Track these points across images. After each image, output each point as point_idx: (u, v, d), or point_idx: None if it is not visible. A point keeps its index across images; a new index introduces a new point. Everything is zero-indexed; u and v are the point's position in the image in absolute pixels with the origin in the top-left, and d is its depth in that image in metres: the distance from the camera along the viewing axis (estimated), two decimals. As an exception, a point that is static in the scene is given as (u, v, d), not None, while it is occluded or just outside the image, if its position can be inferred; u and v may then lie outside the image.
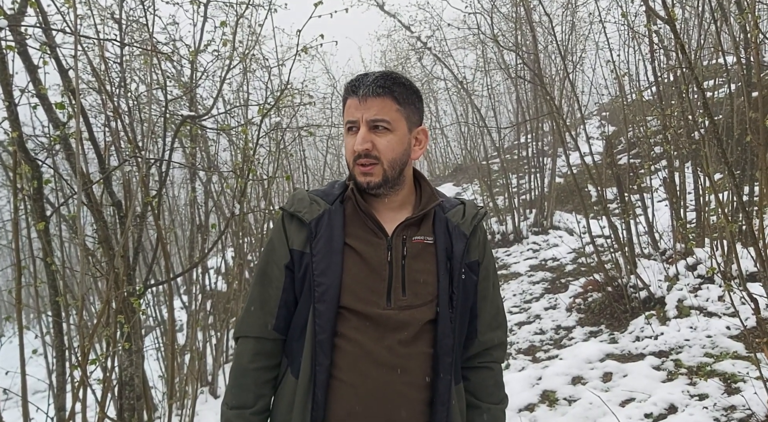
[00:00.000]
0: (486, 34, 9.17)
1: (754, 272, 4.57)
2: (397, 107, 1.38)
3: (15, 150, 2.42)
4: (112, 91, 3.65)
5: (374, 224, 1.41)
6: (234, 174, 4.33)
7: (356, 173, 1.39)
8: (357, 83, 1.37)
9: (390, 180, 1.39)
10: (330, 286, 1.36)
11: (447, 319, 1.39)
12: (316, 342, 1.36)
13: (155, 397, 5.12)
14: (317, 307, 1.36)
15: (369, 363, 1.35)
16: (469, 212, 1.49)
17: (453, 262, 1.41)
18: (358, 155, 1.36)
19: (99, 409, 2.50)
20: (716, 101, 6.25)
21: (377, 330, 1.36)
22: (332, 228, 1.40)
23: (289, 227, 1.44)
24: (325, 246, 1.39)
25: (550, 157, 9.66)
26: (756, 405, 3.16)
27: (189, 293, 6.43)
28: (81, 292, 2.23)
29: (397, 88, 1.38)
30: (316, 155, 13.96)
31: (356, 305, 1.36)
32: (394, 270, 1.38)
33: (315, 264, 1.38)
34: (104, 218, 2.90)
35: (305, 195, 1.47)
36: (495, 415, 1.52)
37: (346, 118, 1.39)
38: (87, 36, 3.44)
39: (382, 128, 1.36)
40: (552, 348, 5.06)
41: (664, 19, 2.93)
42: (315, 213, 1.42)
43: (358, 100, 1.36)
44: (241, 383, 1.44)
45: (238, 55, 4.88)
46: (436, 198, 1.47)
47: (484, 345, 1.52)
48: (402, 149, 1.40)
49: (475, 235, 1.48)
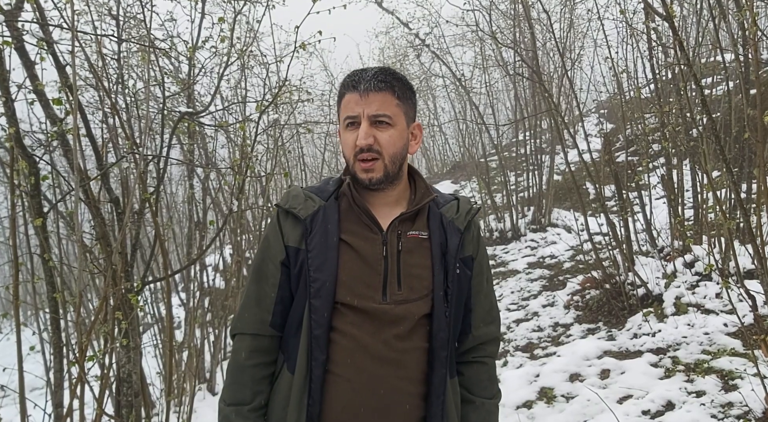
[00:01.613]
0: (484, 31, 9.16)
1: (752, 269, 4.58)
2: (397, 102, 1.39)
3: (12, 146, 2.41)
4: (109, 87, 3.63)
5: (369, 219, 1.42)
6: (232, 171, 4.32)
7: (357, 169, 1.39)
8: (356, 78, 1.38)
9: (391, 175, 1.40)
10: (325, 282, 1.36)
11: (442, 313, 1.41)
12: (312, 338, 1.37)
13: (152, 394, 5.11)
14: (313, 303, 1.37)
15: (365, 357, 1.36)
16: (463, 207, 1.51)
17: (448, 257, 1.43)
18: (360, 150, 1.36)
19: (97, 406, 2.50)
20: (714, 98, 6.26)
21: (373, 324, 1.37)
22: (327, 225, 1.41)
23: (285, 224, 1.45)
24: (320, 242, 1.39)
25: (548, 154, 9.66)
26: (753, 401, 3.17)
27: (187, 290, 6.42)
28: (79, 289, 2.23)
29: (397, 83, 1.40)
30: (314, 152, 13.95)
31: (352, 300, 1.37)
32: (389, 265, 1.40)
33: (310, 261, 1.38)
34: (102, 215, 2.89)
35: (300, 191, 1.47)
36: (489, 410, 1.53)
37: (345, 114, 1.39)
38: (84, 32, 3.42)
39: (383, 123, 1.37)
40: (550, 346, 5.07)
41: (662, 15, 2.93)
42: (310, 209, 1.43)
43: (358, 94, 1.36)
44: (238, 380, 1.44)
45: (236, 52, 4.86)
46: (431, 193, 1.48)
47: (478, 340, 1.53)
48: (402, 144, 1.41)
49: (470, 230, 1.50)
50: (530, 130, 9.65)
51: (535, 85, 8.56)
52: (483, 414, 1.52)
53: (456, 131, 14.67)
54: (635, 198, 6.44)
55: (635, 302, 5.13)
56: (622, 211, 5.56)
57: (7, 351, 3.58)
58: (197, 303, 5.94)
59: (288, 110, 6.87)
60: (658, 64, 6.12)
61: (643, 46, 7.04)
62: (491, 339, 1.55)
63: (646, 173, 6.15)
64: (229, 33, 4.30)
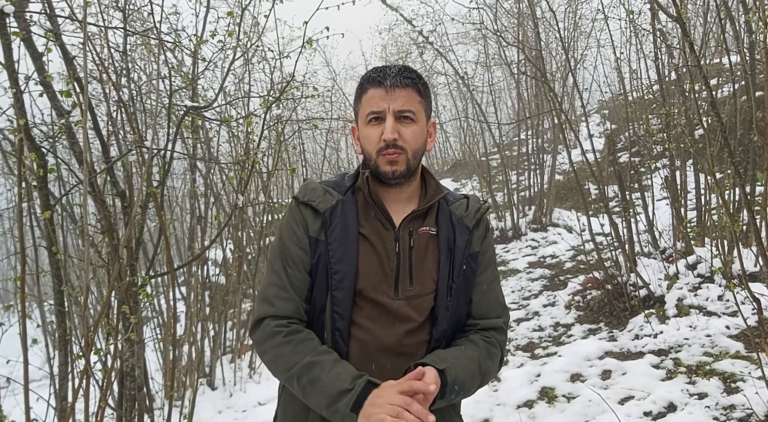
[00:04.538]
0: (489, 28, 9.14)
1: (755, 272, 4.59)
2: (419, 99, 1.42)
3: (21, 138, 2.40)
4: (116, 80, 3.62)
5: (383, 215, 1.43)
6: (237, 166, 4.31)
7: (381, 163, 1.39)
8: (382, 74, 1.39)
9: (412, 170, 1.42)
10: (347, 273, 1.37)
11: (444, 307, 1.43)
12: (335, 330, 1.38)
13: (152, 388, 5.11)
14: (335, 295, 1.38)
15: (378, 350, 1.39)
16: (472, 205, 1.52)
17: (455, 253, 1.44)
18: (385, 145, 1.37)
19: (100, 398, 2.49)
20: (718, 100, 6.26)
21: (388, 318, 1.39)
22: (346, 218, 1.41)
23: (305, 213, 1.45)
24: (340, 234, 1.40)
25: (550, 153, 9.66)
26: (756, 404, 3.17)
27: (187, 284, 6.41)
28: (86, 282, 2.22)
29: (419, 81, 1.42)
30: (314, 148, 13.93)
31: (370, 292, 1.39)
32: (401, 261, 1.41)
33: (331, 252, 1.39)
34: (108, 208, 2.88)
35: (317, 185, 1.48)
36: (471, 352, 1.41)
37: (368, 109, 1.39)
38: (93, 23, 3.40)
39: (408, 119, 1.38)
40: (551, 346, 5.07)
41: (673, 16, 2.93)
42: (328, 203, 1.43)
43: (384, 90, 1.37)
44: (284, 351, 1.35)
45: (241, 47, 4.84)
46: (441, 190, 1.49)
47: (481, 326, 1.50)
48: (423, 140, 1.44)
49: (479, 228, 1.51)
50: (532, 129, 9.64)
51: (538, 84, 8.56)
52: (463, 352, 1.40)
53: (457, 129, 14.67)
54: (638, 198, 6.44)
55: (637, 303, 5.13)
56: (625, 211, 5.56)
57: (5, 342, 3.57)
58: (198, 298, 5.92)
59: (291, 106, 6.85)
60: (663, 66, 6.11)
61: (648, 47, 7.05)
62: (496, 326, 1.50)
63: (648, 174, 6.16)
64: (235, 27, 4.28)
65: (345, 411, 1.24)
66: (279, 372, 1.37)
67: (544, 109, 8.85)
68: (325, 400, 1.27)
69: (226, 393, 5.58)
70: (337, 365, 1.31)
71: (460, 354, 1.40)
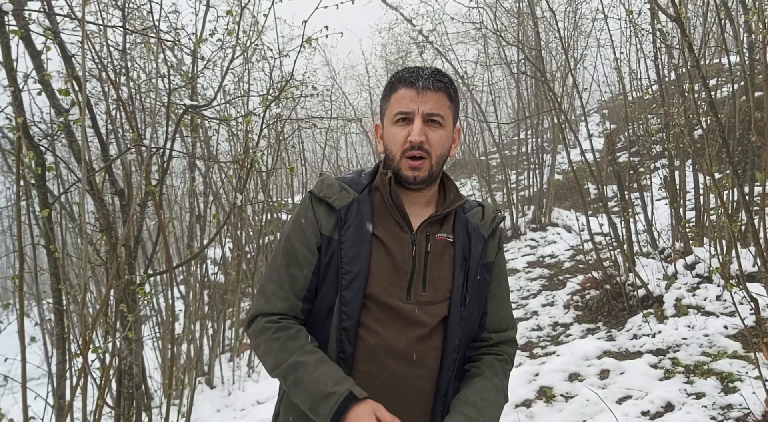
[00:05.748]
0: (488, 28, 9.14)
1: (753, 272, 4.59)
2: (449, 103, 1.40)
3: (19, 136, 2.40)
4: (115, 79, 3.62)
5: (402, 218, 1.41)
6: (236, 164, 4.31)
7: (403, 166, 1.37)
8: (415, 75, 1.37)
9: (434, 175, 1.40)
10: (358, 274, 1.35)
11: (458, 317, 1.40)
12: (342, 330, 1.35)
13: (151, 387, 5.12)
14: (344, 295, 1.35)
15: (386, 354, 1.36)
16: (488, 215, 1.50)
17: (470, 262, 1.42)
18: (410, 147, 1.35)
19: (98, 396, 2.49)
20: (718, 101, 6.26)
21: (398, 322, 1.37)
22: (361, 217, 1.39)
23: (318, 210, 1.42)
24: (354, 234, 1.38)
25: (550, 153, 9.66)
26: (753, 404, 3.18)
27: (186, 283, 6.42)
28: (84, 280, 2.22)
29: (451, 86, 1.40)
30: (314, 147, 13.93)
31: (380, 295, 1.36)
32: (416, 266, 1.39)
33: (344, 252, 1.36)
34: (106, 206, 2.88)
35: (334, 181, 1.45)
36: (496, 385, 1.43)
37: (397, 108, 1.37)
38: (92, 22, 3.40)
39: (436, 123, 1.37)
40: (549, 345, 5.07)
41: (672, 17, 2.93)
42: (345, 200, 1.41)
43: (415, 91, 1.35)
44: (274, 347, 1.36)
45: (240, 46, 4.84)
46: (461, 197, 1.47)
47: (493, 340, 1.51)
48: (448, 145, 1.42)
49: (494, 238, 1.49)
50: (532, 129, 9.65)
51: (537, 84, 8.56)
52: (488, 384, 1.41)
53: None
54: (636, 198, 6.44)
55: (635, 303, 5.14)
56: (624, 211, 5.56)
57: (3, 340, 3.56)
58: (197, 297, 5.92)
59: (291, 105, 6.85)
60: (663, 66, 6.11)
61: (647, 47, 7.05)
62: (508, 339, 1.52)
63: (647, 174, 6.16)
64: (234, 26, 4.28)
65: (326, 419, 1.24)
66: (269, 368, 1.38)
67: (544, 109, 8.86)
68: (307, 403, 1.28)
69: (224, 392, 5.58)
70: (319, 367, 1.30)
71: (485, 394, 1.38)
